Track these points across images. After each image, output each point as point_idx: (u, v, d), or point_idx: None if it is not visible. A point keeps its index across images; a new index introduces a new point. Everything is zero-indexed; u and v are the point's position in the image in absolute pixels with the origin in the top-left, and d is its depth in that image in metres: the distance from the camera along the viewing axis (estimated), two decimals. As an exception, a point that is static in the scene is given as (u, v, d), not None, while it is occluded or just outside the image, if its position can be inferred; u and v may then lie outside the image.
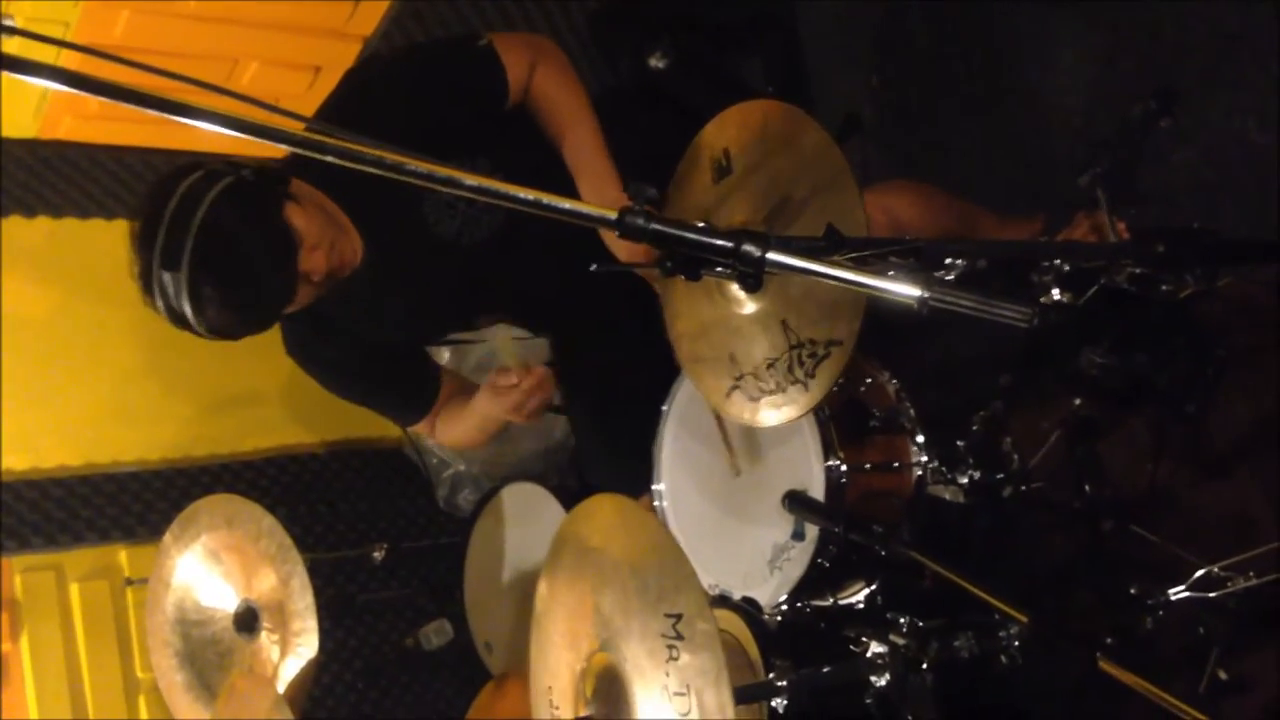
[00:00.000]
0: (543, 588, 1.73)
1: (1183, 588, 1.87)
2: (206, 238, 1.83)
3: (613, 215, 1.07)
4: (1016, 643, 1.74)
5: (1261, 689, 1.97)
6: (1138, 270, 1.69)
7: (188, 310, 1.86)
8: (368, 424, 3.29)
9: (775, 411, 1.72)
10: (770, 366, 1.70)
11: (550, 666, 1.70)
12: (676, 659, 1.45)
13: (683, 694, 1.45)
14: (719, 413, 2.01)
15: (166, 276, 1.84)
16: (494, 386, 2.22)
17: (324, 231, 2.00)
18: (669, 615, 1.47)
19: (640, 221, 1.07)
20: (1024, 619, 1.63)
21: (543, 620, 1.73)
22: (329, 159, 1.07)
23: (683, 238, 1.08)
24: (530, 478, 2.68)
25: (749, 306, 1.73)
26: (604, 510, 1.66)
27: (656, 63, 2.79)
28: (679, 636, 1.45)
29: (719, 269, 1.14)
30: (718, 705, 1.41)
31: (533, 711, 1.73)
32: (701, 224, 1.12)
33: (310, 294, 2.03)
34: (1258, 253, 1.93)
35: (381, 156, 1.06)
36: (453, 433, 2.47)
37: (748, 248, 1.08)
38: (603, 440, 2.66)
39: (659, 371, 2.19)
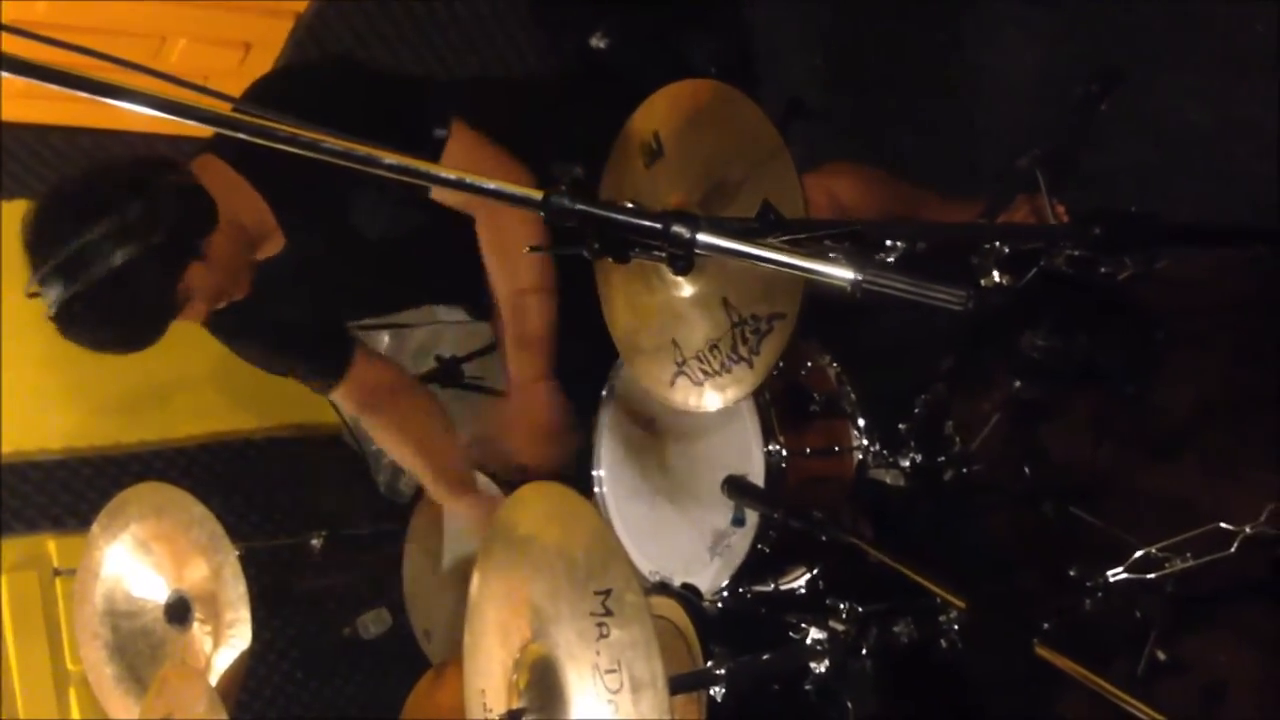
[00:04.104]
0: (474, 586, 1.70)
1: (1121, 569, 1.88)
2: (90, 298, 1.82)
3: (538, 195, 1.04)
4: (956, 628, 1.73)
5: (1199, 670, 1.98)
6: (1076, 253, 1.69)
7: (55, 325, 1.88)
8: (305, 410, 3.25)
9: (719, 394, 1.69)
10: (713, 348, 1.68)
11: (482, 667, 1.67)
12: (607, 635, 1.44)
13: (614, 670, 1.43)
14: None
15: (44, 287, 1.85)
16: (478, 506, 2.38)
17: (220, 282, 1.98)
18: (598, 592, 1.45)
19: (565, 201, 1.04)
20: (962, 604, 1.62)
21: (474, 621, 1.69)
22: (242, 136, 1.02)
23: (609, 218, 1.05)
24: (471, 464, 2.64)
25: (688, 288, 1.70)
26: (532, 498, 1.63)
27: (598, 42, 2.75)
28: (608, 613, 1.44)
29: (649, 251, 1.10)
30: (649, 675, 1.39)
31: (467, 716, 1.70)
32: (630, 204, 1.09)
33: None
34: (1196, 236, 1.93)
35: (296, 134, 1.02)
36: (386, 442, 2.50)
37: (677, 229, 1.04)
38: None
39: (601, 356, 2.16)
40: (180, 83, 1.05)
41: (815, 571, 2.07)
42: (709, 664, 1.71)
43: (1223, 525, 1.84)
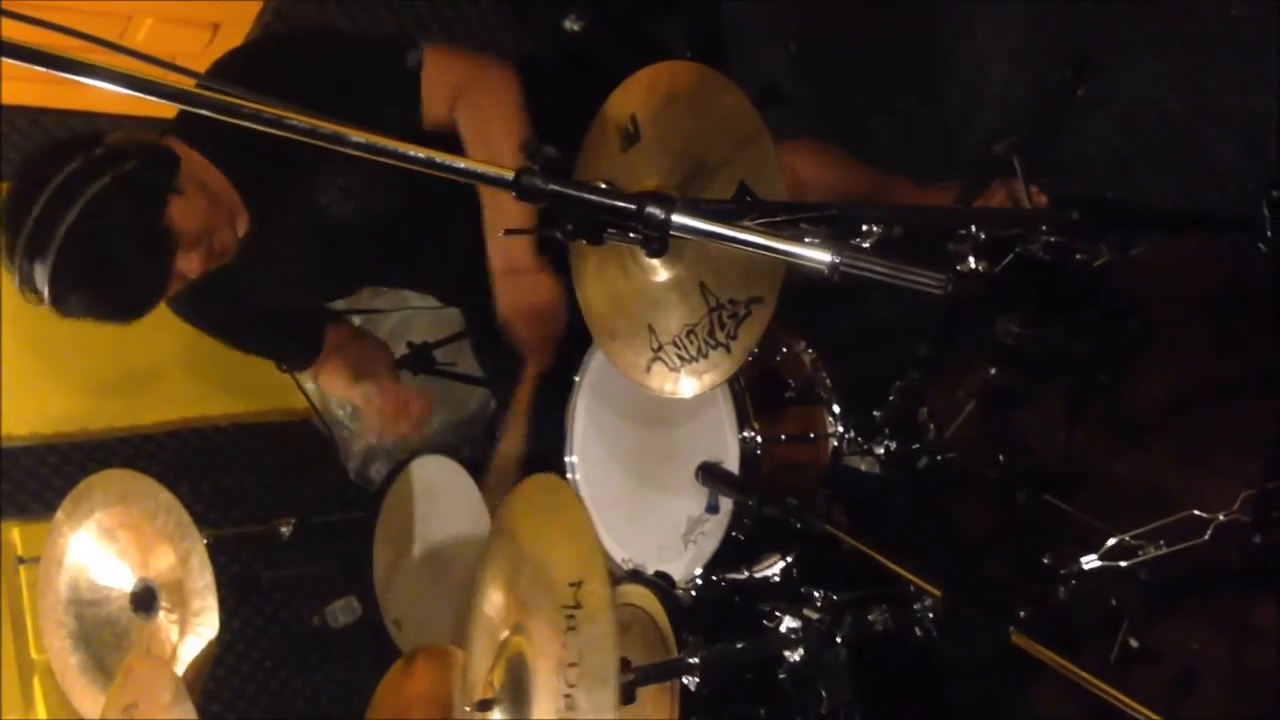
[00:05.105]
0: (477, 580, 1.69)
1: (1094, 557, 1.88)
2: (77, 238, 1.75)
3: (509, 175, 1.02)
4: (931, 616, 1.72)
5: (1172, 657, 1.98)
6: (1053, 239, 1.68)
7: (46, 297, 1.80)
8: (274, 396, 3.21)
9: (695, 380, 1.67)
10: (690, 333, 1.65)
11: (474, 663, 1.66)
12: (575, 629, 1.43)
13: (575, 664, 1.43)
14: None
15: (27, 263, 1.77)
16: (377, 394, 2.54)
17: (205, 223, 1.92)
18: (572, 584, 1.44)
19: (538, 182, 1.02)
20: (938, 592, 1.61)
21: (472, 616, 1.68)
22: (204, 112, 1.00)
23: (582, 199, 1.03)
24: (444, 450, 2.62)
25: (665, 273, 1.68)
26: (532, 492, 1.64)
27: (572, 25, 2.72)
28: (577, 605, 1.44)
29: (623, 233, 1.09)
30: (599, 669, 1.39)
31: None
32: (604, 185, 1.07)
33: (182, 285, 1.96)
34: (1171, 222, 1.93)
35: (260, 111, 0.99)
36: (333, 387, 2.61)
37: (651, 210, 1.02)
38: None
39: (579, 339, 2.14)
40: (157, 62, 1.02)
41: (790, 559, 2.05)
42: (682, 653, 1.70)
43: (1196, 513, 1.85)
